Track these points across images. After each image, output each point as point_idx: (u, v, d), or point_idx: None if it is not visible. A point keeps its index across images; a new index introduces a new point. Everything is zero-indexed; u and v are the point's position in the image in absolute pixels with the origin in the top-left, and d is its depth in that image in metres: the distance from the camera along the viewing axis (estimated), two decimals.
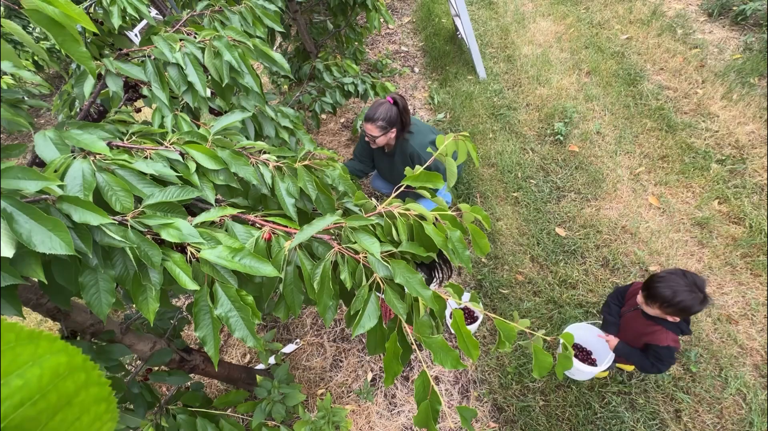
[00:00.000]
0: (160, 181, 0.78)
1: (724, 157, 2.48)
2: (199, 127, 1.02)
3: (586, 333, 1.72)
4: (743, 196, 2.29)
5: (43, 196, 0.62)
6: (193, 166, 0.80)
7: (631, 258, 2.18)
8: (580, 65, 3.31)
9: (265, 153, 0.94)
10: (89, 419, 0.21)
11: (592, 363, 1.78)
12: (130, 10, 1.12)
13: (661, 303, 1.32)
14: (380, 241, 0.77)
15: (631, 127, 2.80)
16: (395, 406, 1.90)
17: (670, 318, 1.38)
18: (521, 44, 3.62)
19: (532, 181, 2.62)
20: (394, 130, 1.93)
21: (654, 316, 1.42)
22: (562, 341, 0.72)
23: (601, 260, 2.20)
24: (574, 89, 3.13)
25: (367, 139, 1.97)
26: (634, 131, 2.77)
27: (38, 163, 0.89)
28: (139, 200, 0.72)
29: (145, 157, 0.78)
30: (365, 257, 0.73)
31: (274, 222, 0.78)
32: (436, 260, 1.21)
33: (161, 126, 0.96)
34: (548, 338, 0.70)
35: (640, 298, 1.43)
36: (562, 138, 2.79)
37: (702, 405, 1.71)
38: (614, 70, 3.19)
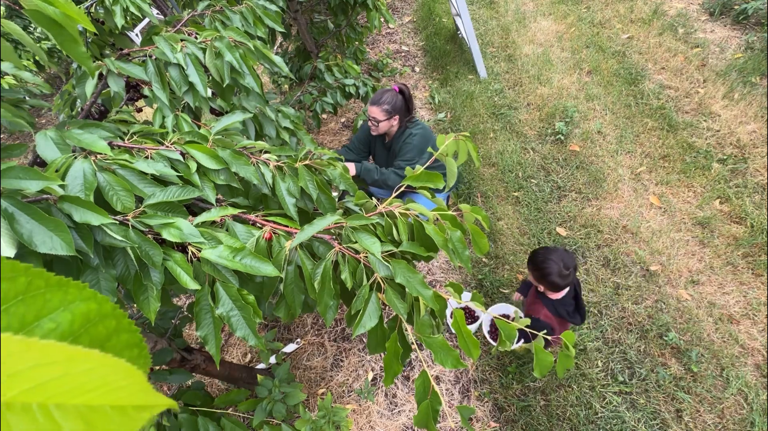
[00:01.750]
0: (161, 181, 0.78)
1: (725, 157, 2.48)
2: (200, 127, 1.02)
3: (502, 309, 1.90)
4: (744, 196, 2.28)
5: (45, 196, 0.62)
6: (193, 166, 0.80)
7: (632, 257, 2.18)
8: (581, 64, 3.31)
9: (265, 152, 0.94)
10: None
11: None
12: (132, 9, 1.12)
13: (533, 266, 1.48)
14: (381, 241, 0.77)
15: (632, 126, 2.80)
16: (396, 406, 1.90)
17: (541, 288, 1.53)
18: (522, 43, 3.62)
19: (532, 180, 2.62)
20: (396, 117, 1.92)
21: (542, 294, 1.56)
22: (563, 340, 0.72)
23: (602, 260, 2.20)
24: (575, 88, 3.12)
25: (369, 123, 1.95)
26: (635, 130, 2.77)
27: (39, 162, 0.89)
28: (140, 200, 0.73)
29: (146, 157, 0.78)
30: (366, 257, 0.73)
31: (274, 222, 0.79)
32: None
33: (162, 126, 0.96)
34: (549, 338, 0.70)
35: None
36: (563, 137, 2.79)
37: (703, 405, 1.71)
38: (615, 69, 3.19)
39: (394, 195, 0.87)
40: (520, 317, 1.73)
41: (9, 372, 0.14)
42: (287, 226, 0.78)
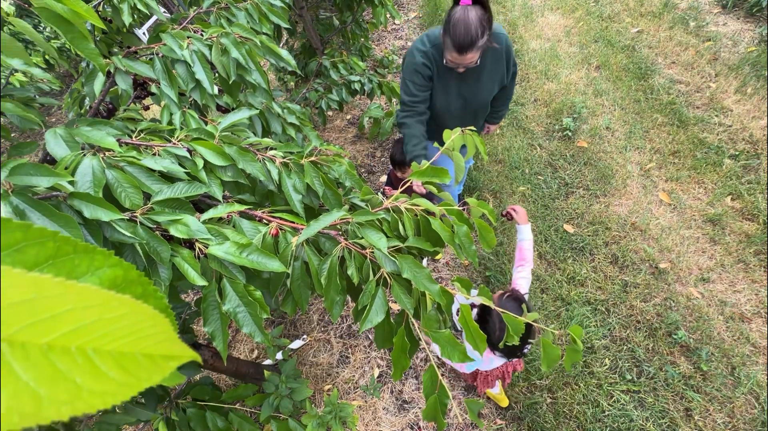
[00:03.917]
0: (168, 178, 0.78)
1: (737, 152, 2.43)
2: (206, 123, 1.02)
3: None
4: (757, 192, 2.24)
5: (55, 193, 0.63)
6: (200, 163, 0.80)
7: (640, 255, 2.15)
8: (589, 59, 3.27)
9: (272, 149, 0.94)
10: None
11: None
12: (140, 6, 1.12)
13: (391, 162, 2.03)
14: (387, 236, 0.76)
15: (642, 122, 2.76)
16: (402, 402, 1.91)
17: (399, 174, 2.04)
18: (529, 38, 3.58)
19: (540, 177, 2.60)
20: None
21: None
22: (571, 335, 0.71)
23: (610, 257, 2.18)
24: (583, 84, 3.08)
25: (460, 70, 1.43)
26: (644, 126, 2.73)
27: (49, 160, 0.90)
28: (147, 196, 0.73)
29: (154, 154, 0.79)
30: (372, 252, 0.73)
31: (281, 218, 0.79)
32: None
33: (169, 123, 0.97)
34: (556, 332, 0.70)
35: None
36: (570, 133, 2.76)
37: (713, 404, 1.69)
38: (624, 64, 3.14)
39: (400, 191, 0.87)
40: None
41: (50, 313, 0.15)
42: (293, 222, 0.78)
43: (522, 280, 1.40)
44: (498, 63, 1.51)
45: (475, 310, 1.48)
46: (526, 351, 1.34)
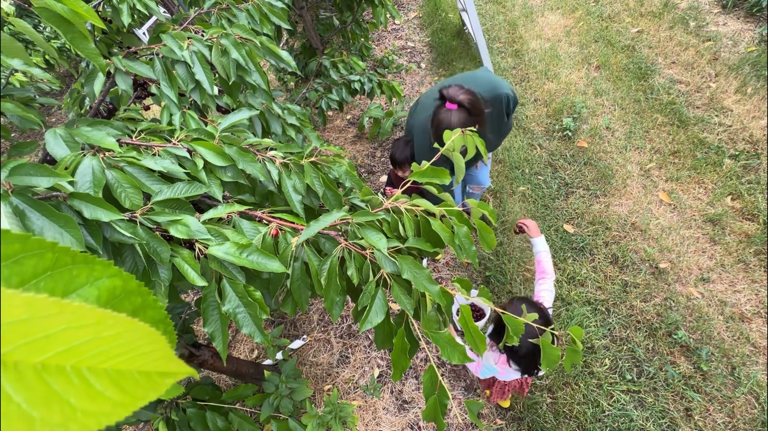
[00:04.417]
0: (168, 178, 0.78)
1: (737, 152, 2.43)
2: (206, 124, 1.02)
3: None
4: (757, 192, 2.24)
5: (55, 193, 0.63)
6: (200, 163, 0.80)
7: (640, 255, 2.15)
8: (589, 59, 3.26)
9: (272, 150, 0.94)
10: None
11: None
12: (139, 7, 1.12)
13: (392, 162, 1.93)
14: (387, 237, 0.76)
15: (642, 121, 2.75)
16: (402, 402, 1.91)
17: (400, 174, 1.94)
18: (529, 38, 3.58)
19: (539, 177, 2.60)
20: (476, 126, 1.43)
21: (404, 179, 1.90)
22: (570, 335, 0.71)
23: (610, 257, 2.18)
24: (583, 84, 3.08)
25: None
26: (644, 126, 2.73)
27: (49, 160, 0.90)
28: (147, 197, 0.73)
29: (154, 154, 0.79)
30: (372, 253, 0.73)
31: (281, 219, 0.79)
32: None
33: (169, 123, 0.97)
34: (556, 332, 0.70)
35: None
36: (570, 133, 2.76)
37: (713, 404, 1.69)
38: (624, 63, 3.14)
39: (399, 191, 0.87)
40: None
41: (45, 333, 0.15)
42: (293, 223, 0.78)
43: (545, 292, 1.38)
44: (497, 115, 1.58)
45: (490, 326, 1.48)
46: (542, 373, 1.31)
